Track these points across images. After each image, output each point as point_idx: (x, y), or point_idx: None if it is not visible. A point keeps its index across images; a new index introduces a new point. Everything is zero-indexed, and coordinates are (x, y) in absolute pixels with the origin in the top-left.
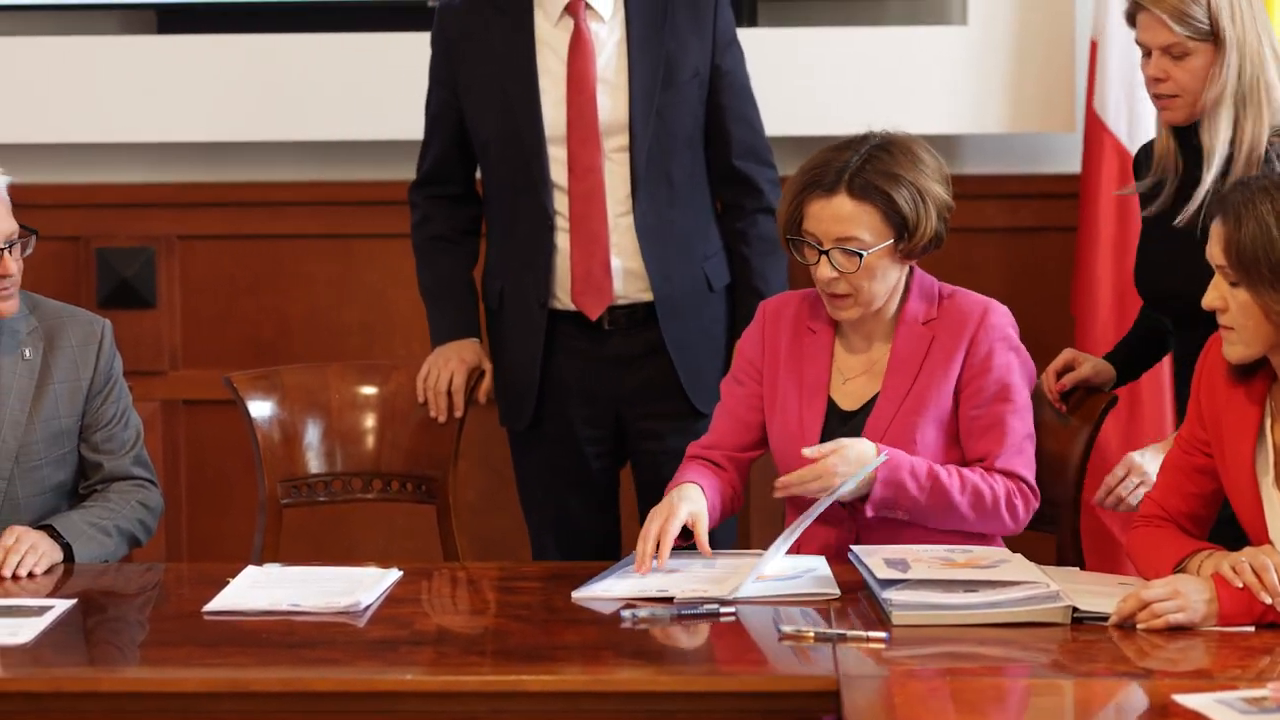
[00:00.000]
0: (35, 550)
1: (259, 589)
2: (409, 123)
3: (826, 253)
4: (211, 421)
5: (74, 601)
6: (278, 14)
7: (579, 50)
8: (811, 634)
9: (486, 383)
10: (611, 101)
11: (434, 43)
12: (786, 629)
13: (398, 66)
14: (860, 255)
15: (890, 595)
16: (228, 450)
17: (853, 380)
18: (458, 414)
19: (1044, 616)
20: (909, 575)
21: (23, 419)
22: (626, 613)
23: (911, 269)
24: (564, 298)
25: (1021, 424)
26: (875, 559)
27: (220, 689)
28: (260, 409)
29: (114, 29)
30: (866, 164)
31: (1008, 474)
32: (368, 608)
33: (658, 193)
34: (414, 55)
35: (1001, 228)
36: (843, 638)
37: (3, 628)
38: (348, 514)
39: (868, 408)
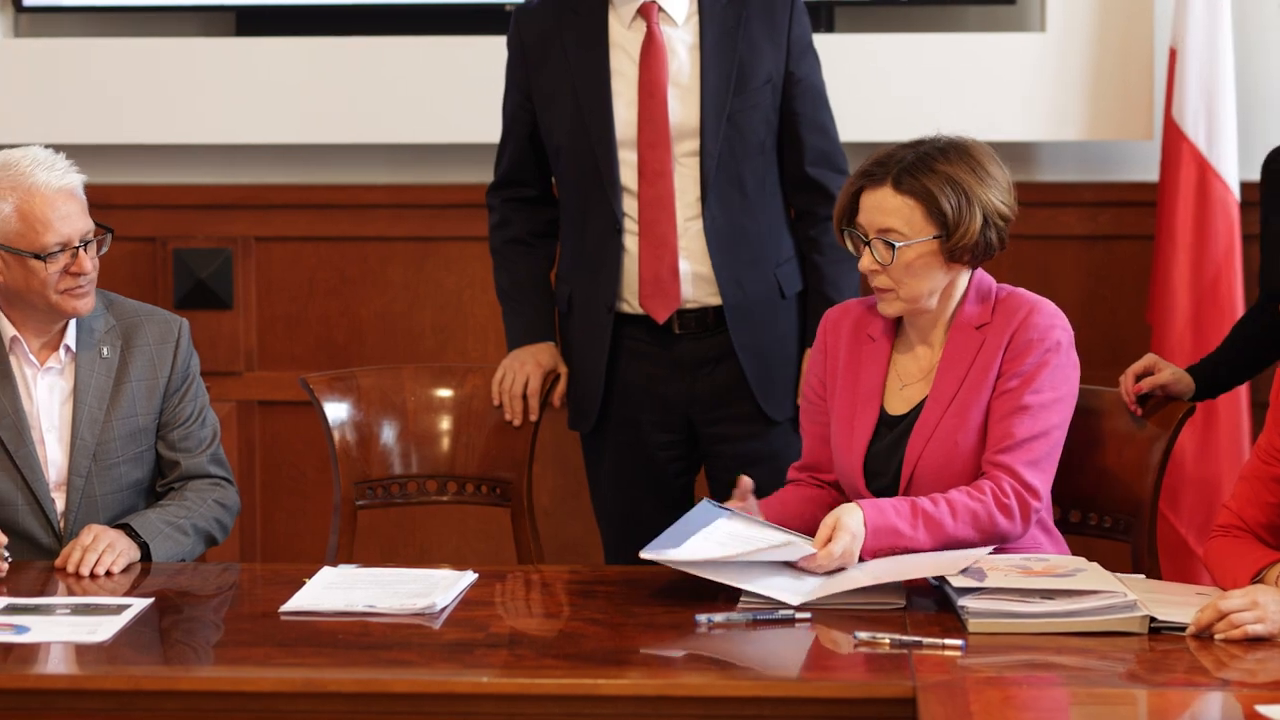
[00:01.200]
0: (113, 549)
1: (335, 590)
2: (486, 126)
3: (869, 243)
4: (286, 422)
5: (151, 601)
6: (355, 16)
7: (651, 54)
8: (887, 641)
9: (561, 386)
10: (683, 106)
11: (510, 45)
12: (862, 635)
13: (475, 69)
14: (894, 247)
15: (966, 603)
16: (302, 451)
17: (910, 386)
18: (533, 417)
19: (1121, 626)
20: (985, 583)
21: (100, 417)
22: (702, 617)
23: (972, 273)
24: (632, 301)
25: (1034, 421)
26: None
27: (296, 689)
28: (336, 410)
29: (193, 31)
30: (919, 161)
31: (999, 468)
32: (443, 610)
33: (729, 198)
34: (491, 58)
35: (1078, 235)
36: (919, 645)
37: (82, 626)
38: (422, 516)
39: (915, 412)
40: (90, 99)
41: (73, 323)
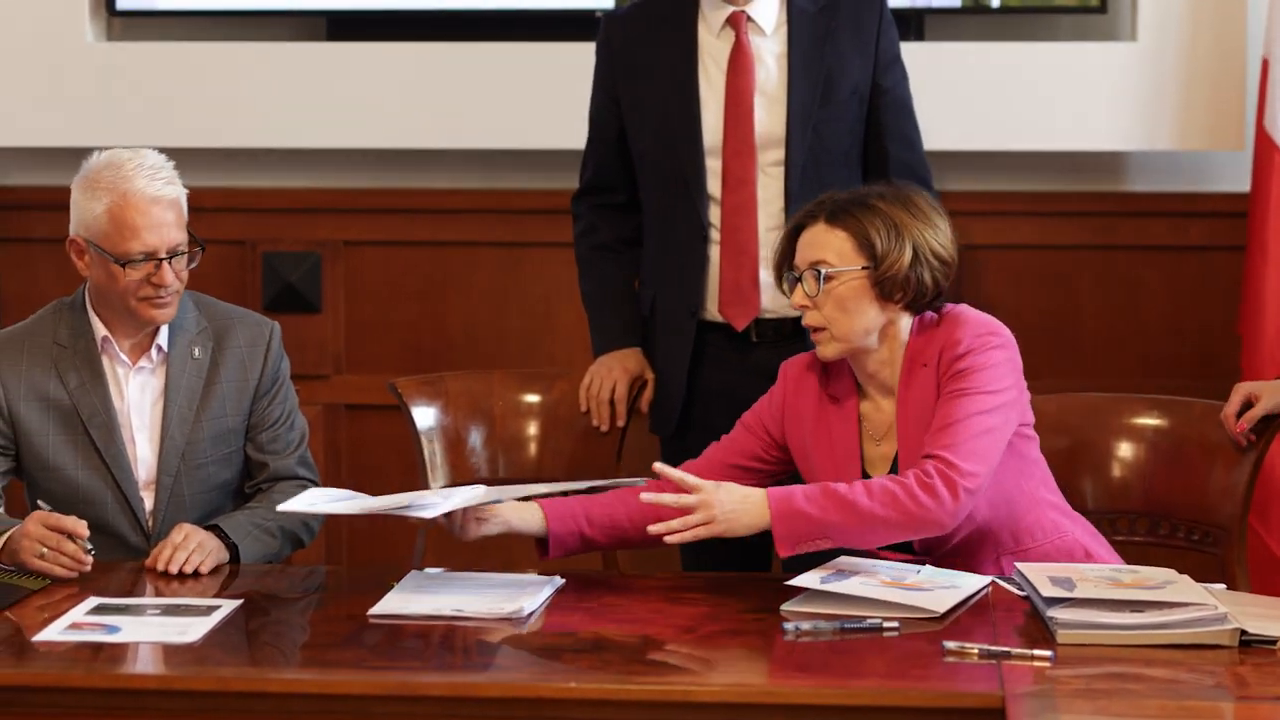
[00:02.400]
0: (203, 549)
1: (423, 593)
2: (573, 132)
3: (800, 278)
4: (373, 426)
5: (239, 602)
6: (446, 21)
7: (739, 63)
8: (975, 651)
9: (649, 392)
10: (769, 115)
11: (598, 51)
12: (951, 645)
13: (564, 75)
14: (821, 275)
15: (1055, 614)
16: (389, 454)
17: (883, 440)
18: (620, 423)
19: (1211, 639)
20: (1074, 594)
21: (190, 417)
22: (789, 625)
23: (917, 317)
24: (713, 308)
25: (956, 408)
26: (1040, 576)
27: (387, 692)
28: (424, 415)
29: (284, 35)
30: (854, 199)
31: (924, 455)
32: (531, 614)
33: None
34: (579, 64)
35: (1168, 246)
36: (1007, 655)
37: (171, 627)
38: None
39: (894, 468)
40: (181, 103)
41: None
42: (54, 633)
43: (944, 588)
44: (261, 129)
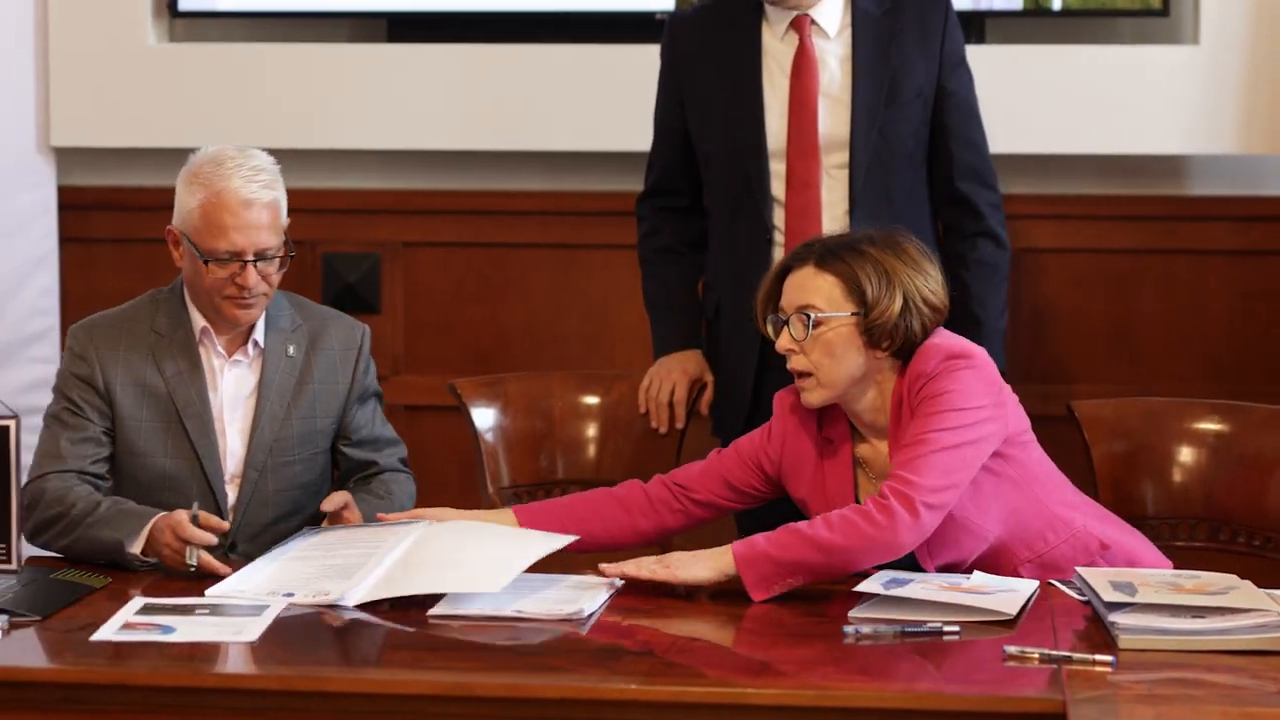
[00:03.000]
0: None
1: (484, 594)
2: (633, 134)
3: (786, 322)
4: (432, 427)
5: (287, 601)
6: (507, 24)
7: (803, 66)
8: (1036, 655)
9: (708, 395)
10: (833, 117)
11: (663, 54)
12: (1011, 650)
13: (626, 78)
14: (809, 319)
15: (1117, 619)
16: (448, 456)
17: (880, 480)
18: (679, 425)
19: (1273, 645)
20: (1136, 599)
21: (281, 414)
22: (849, 628)
23: (906, 363)
24: None
25: (914, 433)
26: (1101, 581)
27: (445, 692)
28: (484, 416)
29: (344, 37)
30: (845, 244)
31: (890, 480)
32: (591, 615)
33: (876, 210)
34: (641, 67)
35: (1230, 250)
36: (1068, 660)
37: (226, 626)
38: None
39: None
40: (242, 104)
41: (261, 319)
42: (109, 632)
43: (1003, 591)
44: (322, 130)
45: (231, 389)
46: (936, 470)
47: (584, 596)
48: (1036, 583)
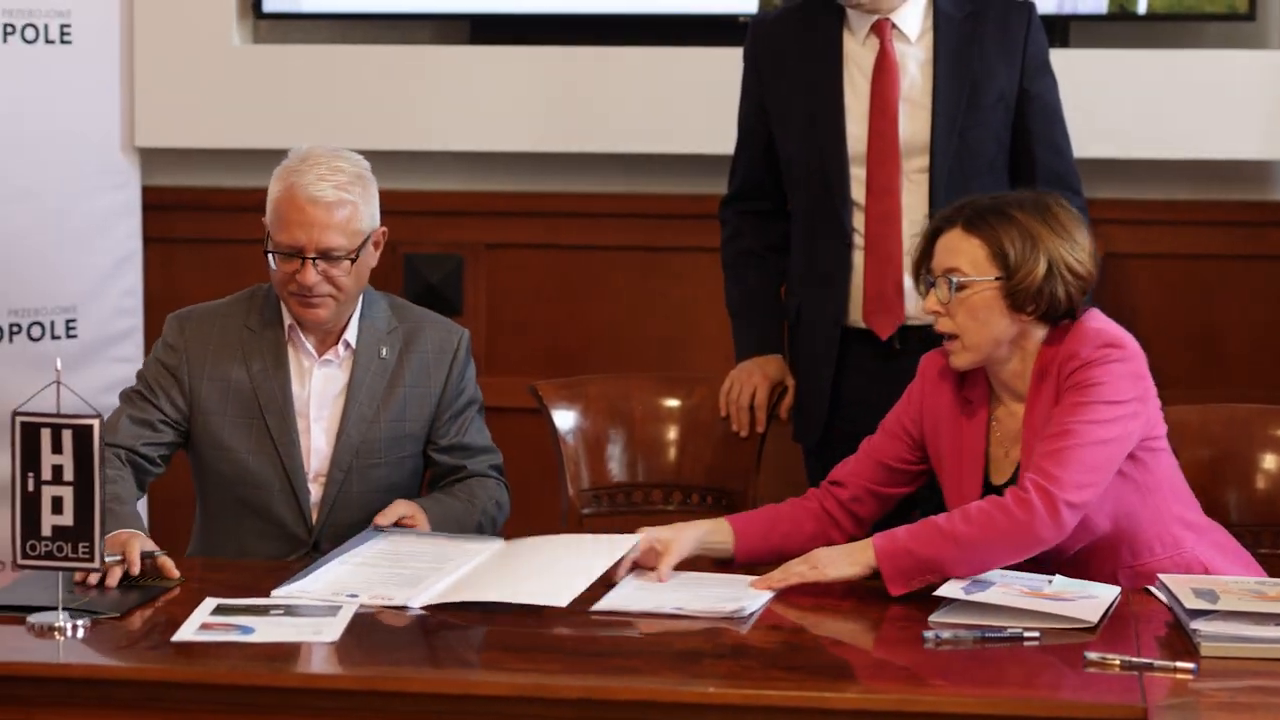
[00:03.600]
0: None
1: (644, 592)
2: (715, 137)
3: (934, 284)
4: (514, 428)
5: (359, 601)
6: (590, 26)
7: (884, 70)
8: (1118, 662)
9: (788, 399)
10: (913, 122)
11: (745, 57)
12: (1092, 656)
13: (710, 81)
14: (953, 281)
15: (1199, 626)
16: (528, 457)
17: (1012, 448)
18: (759, 429)
19: None
20: (1218, 606)
21: (369, 415)
22: (929, 633)
23: (1051, 328)
24: (857, 316)
25: (1058, 425)
26: (1183, 588)
27: (526, 694)
28: (564, 418)
29: (427, 38)
30: (993, 207)
31: (1025, 475)
32: (751, 614)
33: None
34: (723, 70)
35: None
36: (1149, 667)
37: (304, 626)
38: (645, 524)
39: (1014, 480)
40: (325, 105)
41: (355, 319)
42: (189, 633)
43: (1084, 597)
44: (405, 131)
45: (319, 388)
46: (1081, 466)
47: (745, 595)
48: (1117, 590)
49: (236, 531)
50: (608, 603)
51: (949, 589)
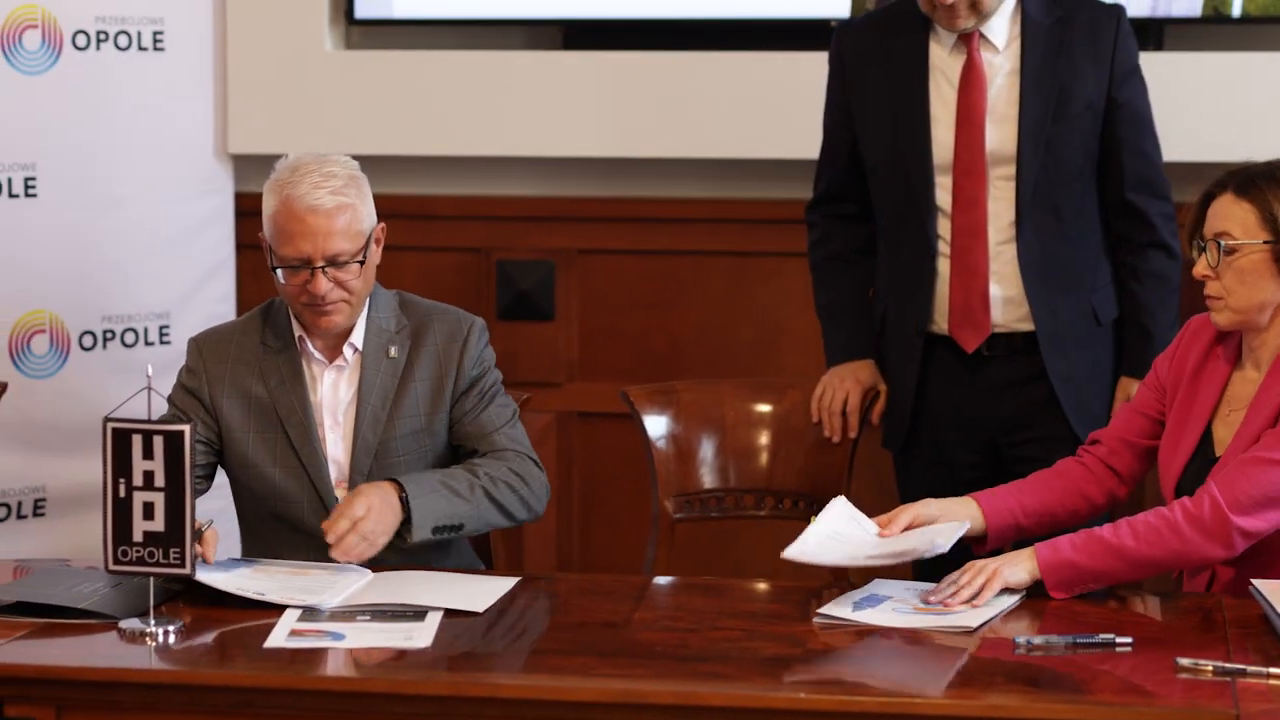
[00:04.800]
0: (372, 540)
1: (835, 541)
2: (808, 142)
3: (1204, 249)
4: (605, 434)
5: (443, 610)
6: (681, 31)
7: (971, 80)
8: (1210, 668)
9: (880, 404)
10: (1000, 132)
11: (831, 62)
12: (1184, 662)
13: (798, 85)
14: (1221, 245)
15: None
16: (620, 463)
17: (1236, 412)
18: (852, 434)
19: None
20: None
21: (383, 416)
22: (1020, 639)
23: None
24: (941, 323)
25: (1257, 454)
26: (1277, 593)
27: (614, 699)
28: (656, 424)
29: (520, 44)
30: (1265, 172)
31: (1203, 488)
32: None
33: (1043, 224)
34: (814, 74)
35: None
36: (1243, 673)
37: (396, 632)
38: (737, 530)
39: (1212, 460)
40: (418, 111)
41: (361, 322)
42: (280, 639)
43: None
44: (497, 137)
45: (330, 395)
46: (1267, 493)
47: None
48: (1017, 597)
49: (274, 543)
50: (799, 549)
51: (837, 606)
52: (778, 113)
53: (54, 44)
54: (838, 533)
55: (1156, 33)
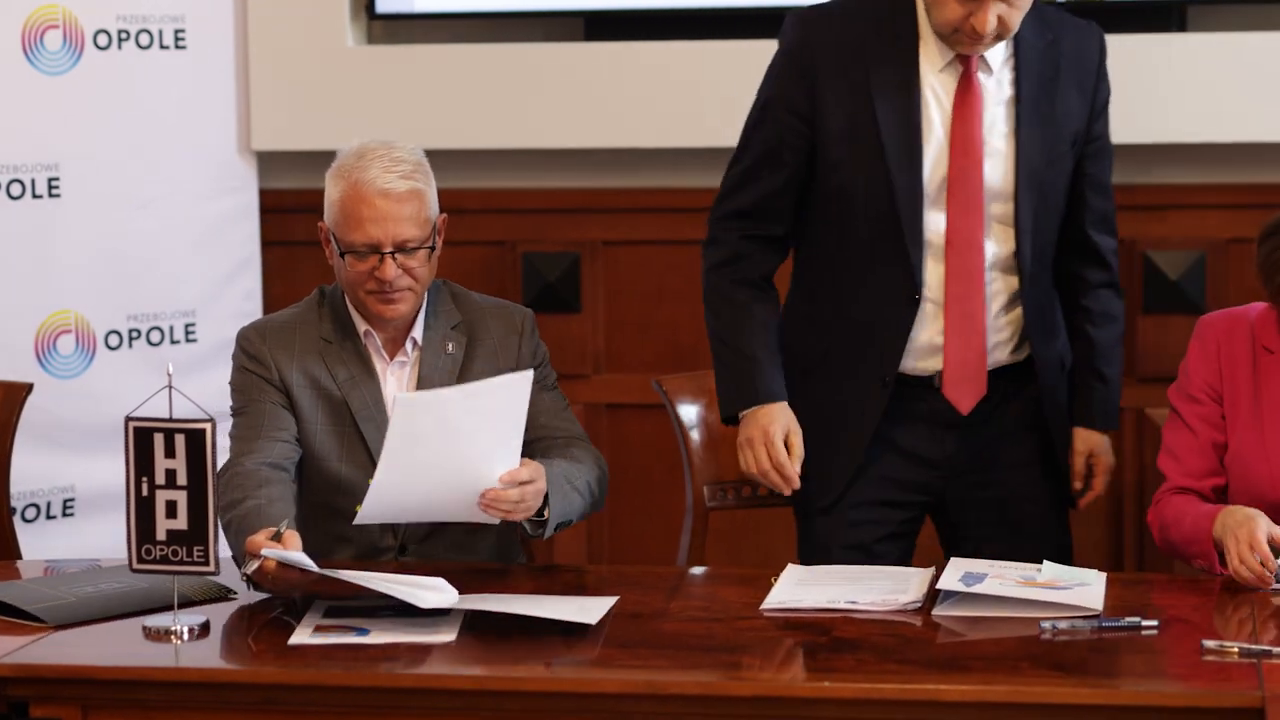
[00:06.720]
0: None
1: (809, 587)
2: None
3: None
4: (634, 425)
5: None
6: (703, 21)
7: (968, 104)
8: (1235, 650)
9: (798, 448)
10: (994, 168)
11: (790, 55)
12: (1210, 645)
13: None
14: None
15: None
16: (650, 453)
17: None
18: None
19: None
20: None
21: None
22: (1046, 624)
23: None
24: (906, 365)
25: None
26: None
27: (638, 690)
28: (689, 412)
29: (541, 36)
30: None
31: None
32: (920, 607)
33: (1038, 277)
34: None
35: None
36: (1268, 655)
37: (422, 627)
38: (768, 519)
39: None
40: (440, 105)
41: (421, 316)
42: (304, 636)
43: (1079, 585)
44: (520, 130)
45: (393, 391)
46: None
47: (912, 586)
48: (1104, 575)
49: (323, 536)
50: (775, 600)
51: (947, 580)
52: None
53: (75, 44)
54: (803, 583)
55: (1179, 14)
